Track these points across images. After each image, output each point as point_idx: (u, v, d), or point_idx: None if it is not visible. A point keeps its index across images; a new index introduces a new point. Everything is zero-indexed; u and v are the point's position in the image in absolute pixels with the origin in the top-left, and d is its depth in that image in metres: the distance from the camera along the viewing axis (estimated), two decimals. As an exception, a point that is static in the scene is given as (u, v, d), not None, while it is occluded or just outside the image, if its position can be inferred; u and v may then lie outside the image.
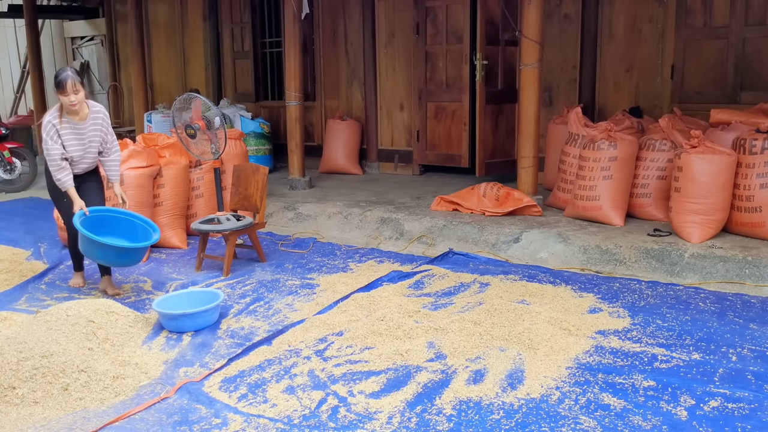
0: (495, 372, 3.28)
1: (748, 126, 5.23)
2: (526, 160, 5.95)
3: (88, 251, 4.39)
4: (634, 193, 5.59)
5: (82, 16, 11.74)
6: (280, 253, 5.62)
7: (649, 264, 4.79)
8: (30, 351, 3.31)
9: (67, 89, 4.27)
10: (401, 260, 5.31)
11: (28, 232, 6.50)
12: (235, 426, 2.90)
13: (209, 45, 9.87)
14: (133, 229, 4.62)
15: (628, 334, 3.71)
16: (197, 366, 3.53)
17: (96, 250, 4.34)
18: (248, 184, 5.33)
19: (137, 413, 3.03)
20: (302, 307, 4.32)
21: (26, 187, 8.84)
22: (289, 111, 7.45)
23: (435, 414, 2.94)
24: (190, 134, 5.24)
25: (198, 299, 4.24)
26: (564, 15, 7.00)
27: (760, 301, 4.17)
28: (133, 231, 4.60)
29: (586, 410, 2.93)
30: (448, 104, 7.74)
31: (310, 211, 6.56)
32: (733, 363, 3.33)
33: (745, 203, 4.90)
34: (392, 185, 7.55)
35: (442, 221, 5.83)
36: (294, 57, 7.27)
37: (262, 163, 8.05)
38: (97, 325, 3.73)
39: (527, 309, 4.06)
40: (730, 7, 6.19)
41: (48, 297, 4.66)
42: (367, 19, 8.23)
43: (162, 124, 8.62)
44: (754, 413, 2.85)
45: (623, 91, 6.84)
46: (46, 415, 3.03)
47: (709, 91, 6.40)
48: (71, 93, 4.29)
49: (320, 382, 3.26)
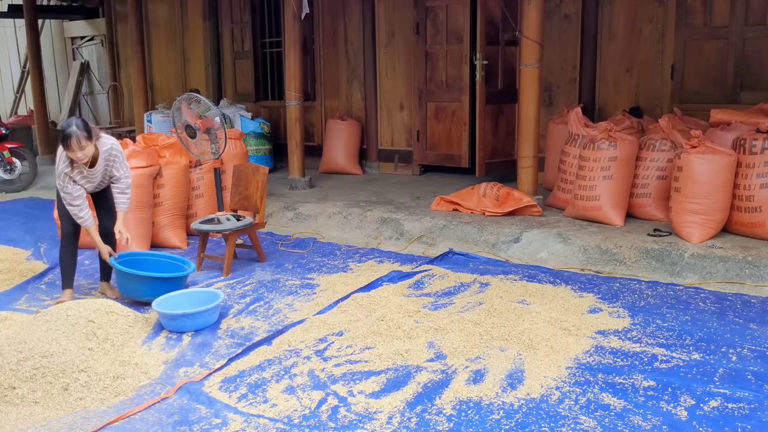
0: (495, 372, 3.28)
1: (748, 126, 5.23)
2: (526, 160, 5.95)
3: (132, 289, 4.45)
4: (634, 193, 5.59)
5: (82, 16, 11.73)
6: (280, 253, 5.62)
7: (649, 264, 4.79)
8: (30, 351, 3.31)
9: (72, 147, 4.05)
10: (401, 260, 5.31)
11: (28, 232, 6.50)
12: (235, 426, 2.90)
13: (209, 45, 9.87)
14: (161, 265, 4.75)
15: (628, 334, 3.71)
16: (197, 366, 3.53)
17: (140, 286, 4.42)
18: (248, 184, 5.33)
19: (137, 413, 3.03)
20: (302, 307, 4.32)
21: (26, 187, 8.84)
22: (289, 111, 7.45)
23: (435, 414, 2.94)
24: (190, 134, 5.25)
25: (198, 299, 4.24)
26: (564, 15, 7.00)
27: (760, 301, 4.17)
28: (163, 267, 4.73)
29: (586, 410, 2.93)
30: (448, 104, 7.74)
31: (310, 211, 6.56)
32: (733, 363, 3.33)
33: (745, 203, 4.90)
34: (392, 185, 7.55)
35: (442, 221, 5.83)
36: (294, 57, 7.27)
37: (262, 163, 8.04)
38: (97, 325, 3.73)
39: (527, 309, 4.06)
40: (730, 7, 6.19)
41: (48, 297, 4.66)
42: (367, 19, 8.23)
43: (162, 124, 8.62)
44: (754, 413, 2.85)
45: (623, 91, 6.84)
46: (46, 415, 3.03)
47: (709, 91, 6.40)
48: (77, 150, 4.07)
49: (320, 382, 3.26)
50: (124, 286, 4.48)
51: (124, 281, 4.46)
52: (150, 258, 4.83)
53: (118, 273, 4.45)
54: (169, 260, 4.82)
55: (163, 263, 4.78)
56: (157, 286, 4.39)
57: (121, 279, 4.47)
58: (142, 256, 4.80)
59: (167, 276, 4.49)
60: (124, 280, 4.46)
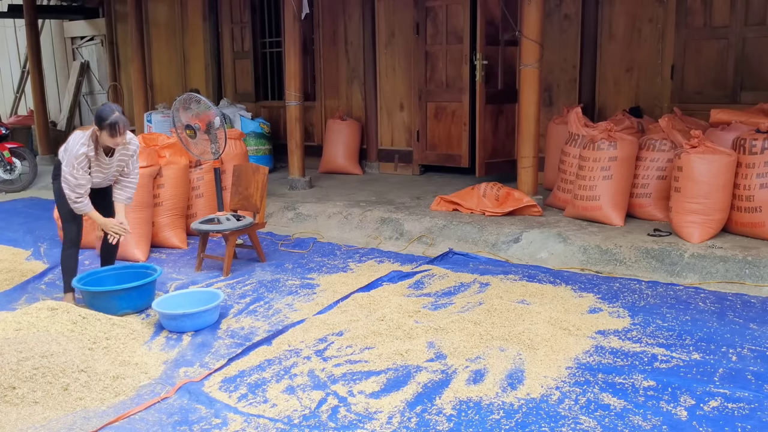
0: (495, 372, 3.28)
1: (748, 126, 5.23)
2: (526, 160, 5.95)
3: (103, 307, 4.16)
4: (634, 193, 5.59)
5: (82, 16, 11.73)
6: (280, 253, 5.62)
7: (649, 264, 4.79)
8: (30, 351, 3.31)
9: (121, 131, 4.11)
10: (401, 260, 5.31)
11: (28, 232, 6.50)
12: (235, 426, 2.90)
13: (209, 45, 9.87)
14: (127, 277, 4.55)
15: (628, 334, 3.71)
16: (197, 366, 3.53)
17: (105, 301, 4.19)
18: (248, 184, 5.33)
19: (137, 413, 3.03)
20: (302, 307, 4.32)
21: (26, 187, 8.84)
22: (289, 111, 7.45)
23: (435, 414, 2.94)
24: (190, 134, 5.24)
25: (198, 299, 4.23)
26: (564, 15, 7.00)
27: (760, 301, 4.17)
28: (128, 279, 4.50)
29: (586, 410, 2.93)
30: (448, 104, 7.74)
31: (310, 211, 6.56)
32: (733, 363, 3.33)
33: (745, 203, 4.90)
34: (392, 185, 7.55)
35: (442, 221, 5.83)
36: (294, 57, 7.27)
37: (262, 163, 8.05)
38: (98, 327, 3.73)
39: (527, 309, 4.06)
40: (730, 7, 6.19)
41: (48, 297, 4.66)
42: (367, 19, 8.23)
43: (162, 124, 8.62)
44: (754, 413, 2.85)
45: (623, 91, 6.84)
46: (46, 415, 3.03)
47: (709, 91, 6.40)
48: (122, 136, 4.14)
49: (320, 382, 3.26)
50: (95, 306, 4.15)
51: (93, 301, 4.19)
52: (114, 273, 4.61)
53: (85, 294, 4.23)
54: (133, 270, 4.64)
55: (128, 274, 4.57)
56: (129, 297, 4.22)
57: (90, 299, 4.21)
58: (105, 273, 4.59)
59: (133, 285, 4.25)
60: (93, 300, 4.19)
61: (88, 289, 4.23)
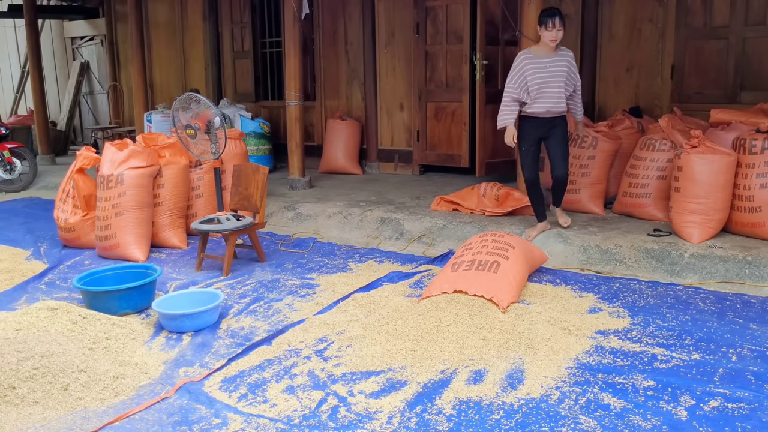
0: (495, 372, 3.28)
1: (748, 126, 5.23)
2: (526, 160, 5.94)
3: (103, 307, 4.16)
4: (634, 193, 5.59)
5: (82, 16, 11.73)
6: (280, 253, 5.62)
7: (649, 264, 4.79)
8: (30, 351, 3.31)
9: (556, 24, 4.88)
10: (401, 260, 5.31)
11: (28, 232, 6.50)
12: (235, 426, 2.90)
13: (209, 45, 9.87)
14: (126, 278, 4.56)
15: (628, 334, 3.71)
16: (197, 366, 3.53)
17: (109, 301, 4.20)
18: (248, 184, 5.33)
19: (137, 413, 3.03)
20: (302, 307, 4.32)
21: (26, 187, 8.84)
22: (289, 111, 7.45)
23: (435, 414, 2.94)
24: (190, 134, 5.24)
25: (198, 299, 4.23)
26: (564, 15, 6.97)
27: (760, 301, 4.17)
28: (128, 280, 4.51)
29: (586, 410, 2.93)
30: (448, 104, 7.74)
31: (310, 211, 6.56)
32: (733, 363, 3.33)
33: (745, 203, 4.90)
34: (392, 185, 7.55)
35: (442, 221, 5.83)
36: (294, 57, 7.27)
37: (262, 163, 8.04)
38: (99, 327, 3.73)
39: (527, 309, 4.05)
40: (730, 7, 6.19)
41: (48, 297, 4.65)
42: (367, 19, 8.23)
43: (162, 124, 8.62)
44: (754, 413, 2.85)
45: (623, 90, 6.84)
46: (46, 415, 3.03)
47: (709, 91, 6.40)
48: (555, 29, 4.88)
49: (320, 382, 3.26)
50: (95, 306, 4.15)
51: (93, 301, 4.18)
52: (114, 273, 4.62)
53: (85, 294, 4.23)
54: (133, 270, 4.65)
55: (128, 274, 4.59)
56: (129, 297, 4.23)
57: (90, 299, 4.21)
58: (105, 273, 4.60)
59: (133, 285, 4.25)
60: (93, 300, 4.19)
61: (88, 289, 4.24)
